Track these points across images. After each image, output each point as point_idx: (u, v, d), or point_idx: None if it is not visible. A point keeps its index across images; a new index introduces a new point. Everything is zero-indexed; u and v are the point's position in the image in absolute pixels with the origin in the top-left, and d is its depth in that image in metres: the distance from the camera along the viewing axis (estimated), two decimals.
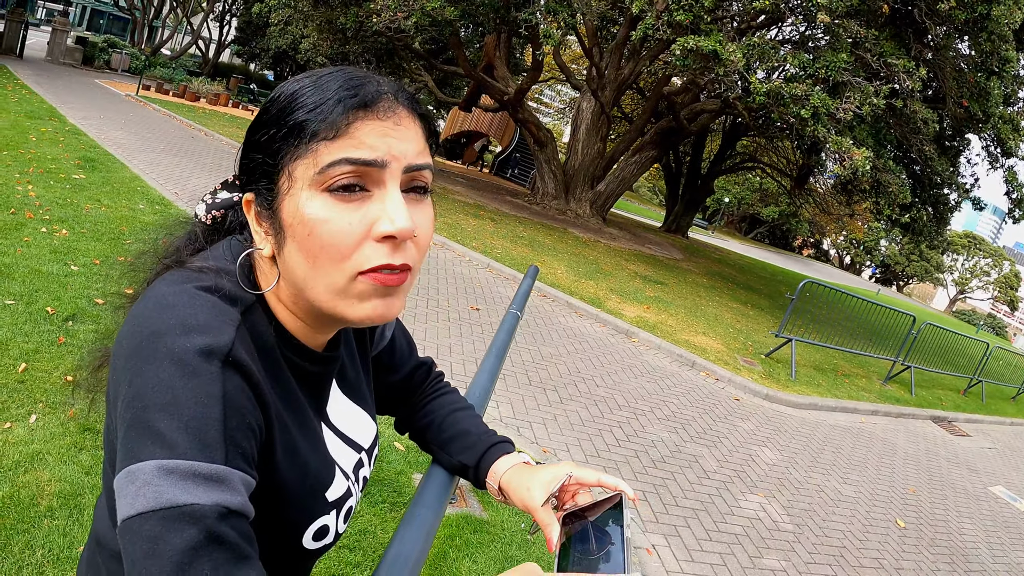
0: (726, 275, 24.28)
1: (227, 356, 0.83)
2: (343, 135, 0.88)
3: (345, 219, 0.88)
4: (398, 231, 0.88)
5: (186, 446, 0.76)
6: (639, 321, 11.90)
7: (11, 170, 9.51)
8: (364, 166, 0.88)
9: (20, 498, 3.50)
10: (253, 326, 0.93)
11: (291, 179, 0.90)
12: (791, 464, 7.92)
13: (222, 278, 0.93)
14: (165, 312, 0.84)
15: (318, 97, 0.90)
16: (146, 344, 0.81)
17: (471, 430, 1.34)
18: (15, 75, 21.86)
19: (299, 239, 0.89)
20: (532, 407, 7.03)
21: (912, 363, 14.70)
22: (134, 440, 0.77)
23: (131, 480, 0.75)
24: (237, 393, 0.83)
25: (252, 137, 0.95)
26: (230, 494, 0.77)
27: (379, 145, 0.89)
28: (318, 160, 0.87)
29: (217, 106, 30.44)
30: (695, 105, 24.98)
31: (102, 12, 69.40)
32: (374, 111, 0.90)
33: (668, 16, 14.85)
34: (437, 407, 1.41)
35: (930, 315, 46.24)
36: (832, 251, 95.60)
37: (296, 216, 0.89)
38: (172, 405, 0.77)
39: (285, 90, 0.94)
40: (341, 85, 0.90)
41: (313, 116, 0.88)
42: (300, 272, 0.91)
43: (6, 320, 5.27)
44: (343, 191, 0.88)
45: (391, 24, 17.16)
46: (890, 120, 17.60)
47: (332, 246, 0.88)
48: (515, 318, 2.13)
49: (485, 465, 1.28)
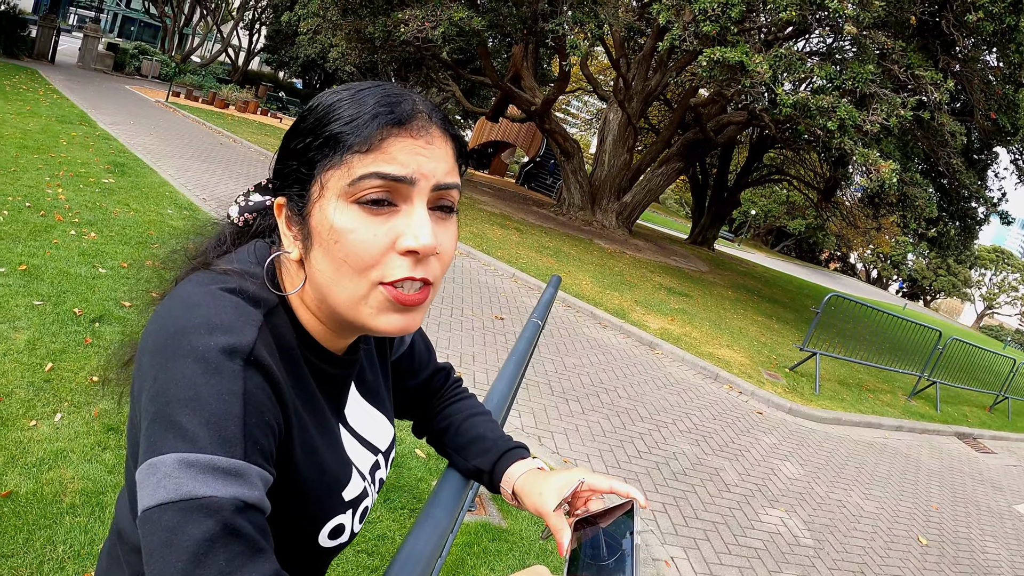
0: (752, 288, 24.17)
1: (249, 355, 0.86)
2: (376, 150, 0.91)
3: (371, 231, 0.91)
4: (421, 247, 0.91)
5: (207, 440, 0.79)
6: (663, 333, 11.89)
7: (42, 173, 9.64)
8: (394, 181, 0.91)
9: (43, 494, 3.57)
10: (275, 328, 0.97)
11: (323, 188, 0.93)
12: (813, 479, 7.89)
13: (246, 280, 0.97)
14: (190, 311, 0.88)
15: (354, 111, 0.93)
16: (171, 341, 0.85)
17: (487, 435, 1.37)
18: (47, 80, 22.12)
19: (326, 246, 0.93)
20: (555, 417, 7.05)
21: (938, 379, 14.57)
22: (156, 433, 0.80)
23: (152, 472, 0.78)
24: (257, 391, 0.86)
25: (288, 144, 0.99)
26: (248, 488, 0.80)
27: (410, 162, 0.92)
28: (350, 172, 0.91)
29: (246, 113, 30.63)
30: (722, 117, 24.89)
31: (133, 19, 70.14)
32: (408, 129, 0.94)
33: (695, 27, 14.84)
34: (454, 412, 1.44)
35: (957, 330, 45.83)
36: (859, 265, 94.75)
37: (324, 224, 0.93)
38: (194, 401, 0.80)
39: (323, 101, 0.97)
40: (378, 101, 0.94)
41: (348, 129, 0.92)
42: (325, 277, 0.95)
43: (34, 320, 5.36)
44: (372, 204, 0.91)
45: (419, 34, 17.23)
46: (917, 133, 17.49)
47: (357, 255, 0.91)
48: (536, 327, 2.16)
49: (500, 470, 1.31)
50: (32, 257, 6.56)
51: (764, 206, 65.35)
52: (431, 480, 4.87)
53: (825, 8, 13.87)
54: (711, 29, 14.38)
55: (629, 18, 21.11)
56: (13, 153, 10.33)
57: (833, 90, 14.57)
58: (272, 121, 30.99)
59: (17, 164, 9.77)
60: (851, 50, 17.63)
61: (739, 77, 14.81)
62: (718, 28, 14.38)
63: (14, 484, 3.57)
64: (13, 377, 4.50)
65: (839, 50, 19.20)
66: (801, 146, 26.03)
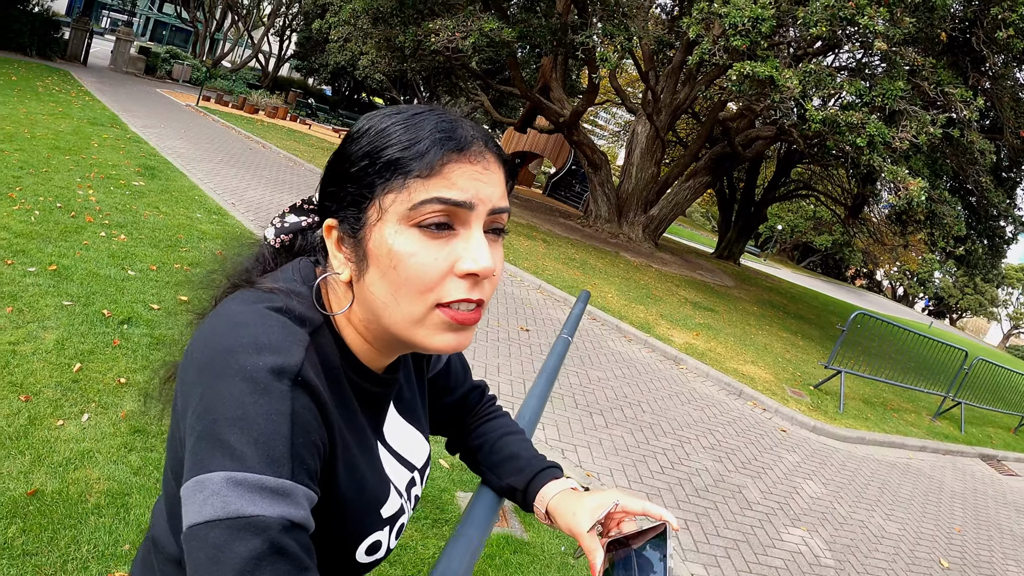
0: (777, 304, 24.05)
1: (296, 376, 0.86)
2: (437, 175, 0.92)
3: (431, 254, 0.92)
4: (481, 270, 0.93)
5: (255, 460, 0.79)
6: (688, 348, 11.85)
7: (73, 174, 9.74)
8: (454, 206, 0.92)
9: (69, 494, 3.59)
10: (320, 347, 0.97)
11: (381, 211, 0.94)
12: (836, 498, 7.83)
13: (292, 299, 0.97)
14: (237, 330, 0.88)
15: (412, 135, 0.94)
16: (218, 360, 0.85)
17: (521, 454, 1.38)
18: (79, 82, 22.34)
19: (383, 269, 0.94)
20: (578, 430, 7.03)
21: (963, 399, 14.42)
22: (204, 451, 0.81)
23: (199, 489, 0.79)
24: (304, 411, 0.87)
25: (340, 167, 0.99)
26: (294, 508, 0.80)
27: (469, 187, 0.94)
28: (411, 197, 0.92)
29: (275, 119, 30.82)
30: (750, 131, 24.81)
31: (165, 23, 70.80)
32: (466, 155, 0.95)
33: (725, 41, 14.80)
34: (489, 430, 1.45)
35: (983, 350, 45.38)
36: (885, 282, 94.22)
37: (383, 247, 0.93)
38: (243, 420, 0.81)
39: (375, 125, 0.98)
40: (435, 127, 0.95)
41: (408, 154, 0.93)
42: (380, 300, 0.96)
43: (63, 320, 5.41)
44: (433, 228, 0.92)
45: (449, 44, 17.29)
46: (946, 150, 17.38)
47: (417, 278, 0.92)
48: (566, 343, 2.15)
49: (534, 489, 1.32)
50: (62, 257, 6.62)
51: (791, 221, 65.03)
52: (454, 491, 4.87)
53: (855, 24, 13.81)
54: (741, 43, 14.34)
55: (659, 31, 21.11)
56: (45, 154, 10.44)
57: (862, 106, 14.50)
58: (301, 127, 31.18)
59: (49, 165, 9.87)
60: (880, 66, 17.56)
61: (768, 92, 14.77)
62: (748, 42, 14.34)
63: (40, 483, 3.60)
64: (41, 376, 4.54)
65: (868, 66, 19.14)
66: (829, 162, 25.85)
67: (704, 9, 15.23)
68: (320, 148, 24.01)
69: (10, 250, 6.43)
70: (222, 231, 9.50)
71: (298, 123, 32.76)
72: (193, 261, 7.83)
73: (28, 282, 5.88)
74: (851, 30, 14.84)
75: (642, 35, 18.43)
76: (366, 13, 19.98)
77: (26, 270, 6.10)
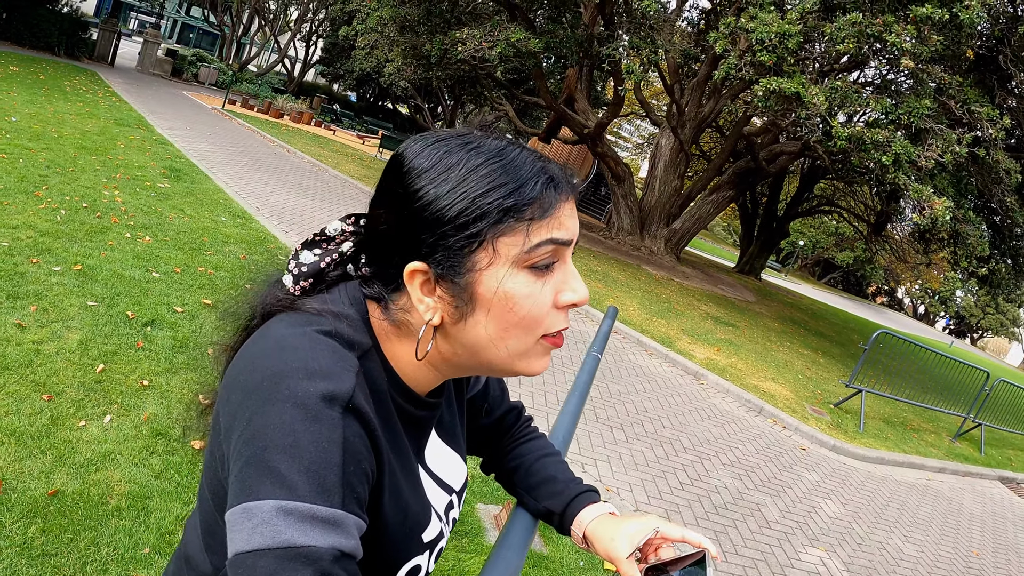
0: (798, 320, 23.93)
1: (348, 403, 0.85)
2: (549, 216, 0.93)
3: (542, 292, 0.95)
4: (581, 300, 0.98)
5: (306, 489, 0.78)
6: (709, 363, 11.80)
7: (99, 175, 9.80)
8: (563, 246, 0.95)
9: (90, 495, 3.59)
10: (368, 372, 0.96)
11: (495, 255, 0.92)
12: (854, 519, 7.76)
13: (340, 321, 0.96)
14: (286, 354, 0.86)
15: (514, 178, 0.93)
16: (268, 384, 0.83)
17: (558, 476, 1.36)
18: (106, 82, 22.53)
19: (495, 311, 0.94)
20: (598, 444, 7.01)
21: (983, 420, 14.29)
22: (253, 478, 0.79)
23: (248, 516, 0.77)
24: (355, 439, 0.85)
25: (427, 211, 0.94)
26: (345, 537, 0.79)
27: (571, 226, 0.97)
28: (528, 240, 0.92)
29: (300, 124, 30.97)
30: (774, 146, 24.74)
31: (192, 26, 71.27)
32: (566, 193, 0.96)
33: (751, 56, 14.76)
34: (526, 451, 1.43)
35: (1004, 371, 45.03)
36: (906, 300, 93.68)
37: (497, 291, 0.93)
38: (294, 448, 0.79)
39: (458, 163, 0.94)
40: (533, 166, 0.95)
41: (521, 199, 0.92)
42: (484, 339, 0.96)
43: (87, 321, 5.43)
44: (543, 268, 0.94)
45: (475, 53, 17.31)
46: (971, 169, 17.27)
47: (531, 317, 0.94)
48: (595, 360, 2.13)
49: (571, 512, 1.30)
50: (87, 257, 6.65)
51: (812, 237, 64.76)
52: (474, 502, 4.85)
53: (882, 41, 13.75)
54: (768, 59, 14.30)
55: (685, 44, 21.06)
56: (72, 153, 10.51)
57: (888, 124, 14.43)
58: (326, 133, 31.31)
59: (75, 164, 9.94)
60: (906, 83, 17.47)
61: (794, 108, 14.72)
62: (775, 58, 14.29)
63: (61, 483, 3.60)
64: (64, 376, 4.55)
65: (895, 83, 19.04)
66: (853, 179, 25.77)
67: (731, 24, 15.20)
68: (344, 154, 24.10)
69: (36, 249, 6.47)
70: (246, 235, 9.53)
71: (323, 128, 32.90)
72: (217, 265, 7.85)
73: (53, 281, 5.91)
74: (878, 47, 14.78)
75: (668, 48, 18.41)
76: (393, 21, 20.05)
77: (51, 269, 6.13)
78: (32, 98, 14.62)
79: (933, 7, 13.12)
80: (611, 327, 2.56)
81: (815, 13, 14.59)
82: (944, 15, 13.07)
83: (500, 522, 4.52)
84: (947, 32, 13.95)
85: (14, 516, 3.29)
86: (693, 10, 26.68)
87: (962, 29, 13.94)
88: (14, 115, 12.16)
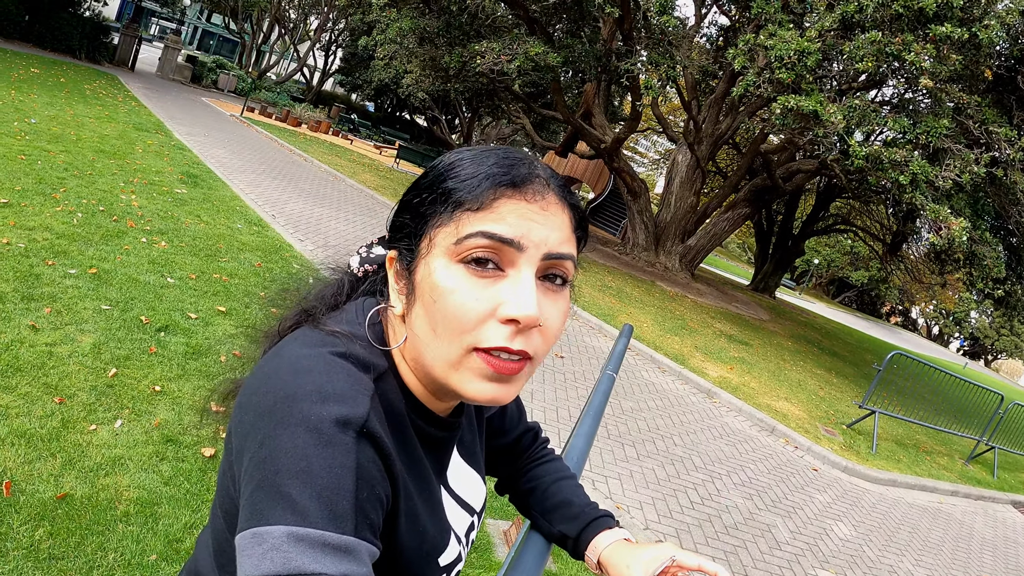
0: (812, 339, 23.82)
1: (362, 427, 0.83)
2: (486, 208, 0.89)
3: (473, 294, 0.88)
4: (522, 316, 0.87)
5: (317, 515, 0.76)
6: (722, 381, 11.75)
7: (117, 179, 9.84)
8: (500, 243, 0.88)
9: (98, 500, 3.59)
10: (384, 394, 0.94)
11: (431, 244, 0.91)
12: (865, 541, 7.69)
13: (354, 343, 0.94)
14: (300, 376, 0.84)
15: (472, 170, 0.92)
16: (280, 407, 0.82)
17: (574, 500, 1.34)
18: (126, 87, 22.71)
19: (426, 304, 0.90)
20: (609, 461, 6.97)
21: (997, 444, 14.18)
22: (263, 502, 0.77)
23: (258, 542, 0.75)
24: (370, 464, 0.83)
25: (406, 198, 0.98)
26: (356, 565, 0.77)
27: (519, 225, 0.89)
28: (459, 230, 0.89)
29: (318, 133, 31.09)
30: (791, 164, 24.68)
31: (213, 33, 71.70)
32: (522, 192, 0.91)
33: (770, 73, 14.74)
34: (542, 473, 1.41)
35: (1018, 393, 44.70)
36: (921, 320, 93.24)
37: (427, 281, 0.90)
38: (306, 473, 0.77)
39: (445, 159, 0.96)
40: (496, 162, 0.92)
41: (462, 187, 0.90)
42: (421, 336, 0.92)
43: (101, 324, 5.43)
44: (476, 264, 0.88)
45: (494, 66, 17.33)
46: (988, 189, 17.20)
47: (455, 317, 0.88)
48: (611, 380, 2.12)
49: (586, 537, 1.28)
50: (103, 261, 6.67)
51: (827, 255, 64.63)
52: (485, 517, 4.81)
53: (901, 60, 13.72)
54: (786, 76, 14.27)
55: (703, 61, 21.08)
56: (90, 157, 10.56)
57: (906, 143, 14.39)
58: (343, 142, 31.39)
59: (94, 168, 9.98)
60: (924, 102, 17.42)
61: (812, 126, 14.68)
62: (793, 76, 14.27)
63: (70, 487, 3.60)
64: (77, 379, 4.55)
65: (913, 102, 18.99)
66: (870, 198, 25.72)
67: (750, 41, 15.20)
68: (361, 164, 24.16)
69: (52, 251, 6.48)
70: (262, 243, 9.54)
71: (340, 138, 32.99)
72: (232, 272, 7.86)
73: (68, 284, 5.92)
74: (896, 66, 14.74)
75: (686, 64, 18.41)
76: (412, 32, 20.11)
77: (66, 272, 6.15)
78: (52, 100, 14.71)
79: (952, 26, 13.09)
80: (626, 345, 2.55)
81: (834, 31, 14.58)
82: (963, 34, 13.05)
83: (510, 538, 4.49)
84: (966, 51, 13.92)
85: (22, 518, 3.29)
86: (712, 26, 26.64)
87: (981, 49, 13.91)
88: (34, 117, 12.24)
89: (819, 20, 14.85)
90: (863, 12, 14.02)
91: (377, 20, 23.83)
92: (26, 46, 24.80)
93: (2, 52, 20.76)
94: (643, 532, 5.76)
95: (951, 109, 15.03)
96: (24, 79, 16.64)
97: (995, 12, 13.71)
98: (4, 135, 10.24)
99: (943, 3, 13.20)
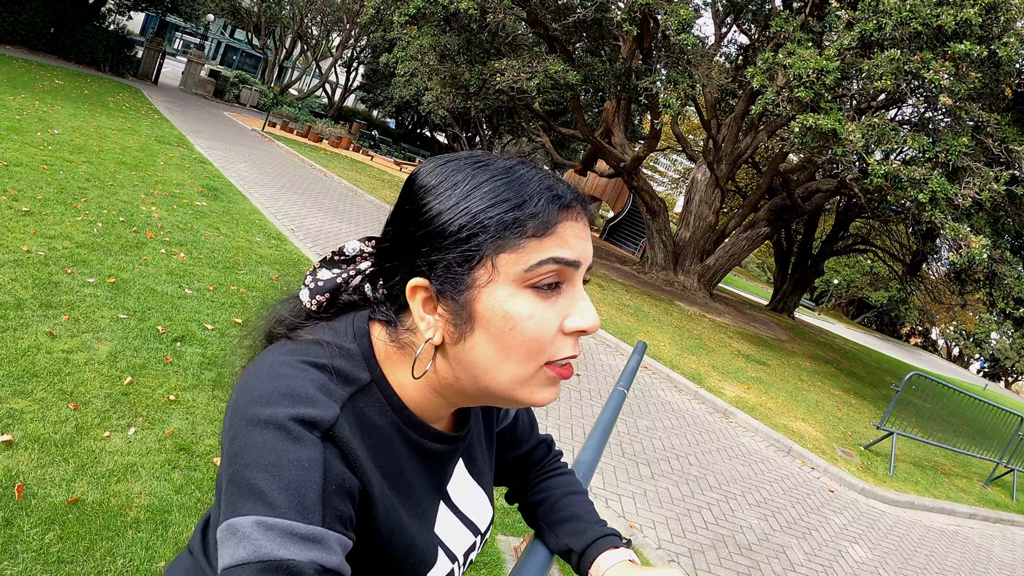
0: (830, 360, 23.68)
1: (329, 430, 0.86)
2: (551, 234, 0.91)
3: (546, 316, 0.91)
4: (590, 326, 0.93)
5: (285, 507, 0.78)
6: (738, 401, 11.69)
7: (138, 190, 9.91)
8: (567, 266, 0.91)
9: (109, 506, 3.59)
10: (363, 407, 0.95)
11: (494, 271, 0.91)
12: (881, 564, 7.60)
13: (337, 357, 0.95)
14: (276, 381, 0.87)
15: (518, 193, 0.92)
16: (252, 407, 0.85)
17: (583, 516, 1.34)
18: (149, 100, 22.89)
19: (494, 332, 0.91)
20: (623, 480, 6.93)
21: (1016, 466, 14.03)
22: (235, 496, 0.80)
23: (231, 533, 0.78)
24: (335, 460, 0.86)
25: (431, 225, 0.94)
26: (326, 553, 0.79)
27: (577, 246, 0.93)
28: (528, 257, 0.90)
29: (339, 148, 31.24)
30: (810, 183, 24.62)
31: (236, 48, 72.24)
32: (574, 212, 0.94)
33: (789, 92, 14.73)
34: (552, 486, 1.41)
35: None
36: (940, 341, 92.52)
37: (496, 310, 0.90)
38: (273, 466, 0.80)
39: (463, 180, 0.94)
40: (540, 183, 0.94)
41: (522, 214, 0.91)
42: (484, 361, 0.93)
43: (118, 333, 5.46)
44: (547, 289, 0.91)
45: (514, 84, 17.40)
46: (1008, 208, 17.09)
47: (533, 340, 0.91)
48: (621, 396, 2.11)
49: (591, 554, 1.27)
50: (121, 271, 6.71)
51: (847, 275, 64.25)
52: (496, 533, 4.80)
53: (920, 78, 13.68)
54: (805, 95, 14.26)
55: (722, 79, 21.07)
56: (112, 168, 10.64)
57: (925, 161, 14.34)
58: (363, 158, 31.52)
59: (115, 179, 10.06)
60: (944, 120, 17.35)
61: (831, 145, 14.64)
62: (812, 94, 14.25)
63: (81, 492, 3.61)
64: (92, 386, 4.57)
65: (932, 121, 18.92)
66: (889, 217, 25.59)
67: (769, 59, 15.21)
68: (381, 180, 24.25)
69: (71, 260, 6.53)
70: (280, 256, 9.58)
71: (361, 154, 33.13)
72: (250, 284, 7.89)
73: (86, 292, 5.96)
74: (916, 84, 14.70)
75: (706, 83, 18.42)
76: (433, 50, 20.21)
77: (85, 280, 6.19)
78: (76, 112, 14.84)
79: (971, 44, 13.06)
80: (639, 362, 2.54)
81: (853, 50, 14.56)
82: (982, 52, 13.01)
83: (520, 554, 4.47)
84: (985, 69, 13.87)
85: (32, 521, 3.30)
86: (731, 45, 26.72)
87: (1000, 66, 13.85)
88: (57, 127, 12.35)
89: (838, 39, 14.85)
90: (882, 30, 14.01)
91: (398, 37, 23.99)
92: (51, 58, 25.07)
93: (27, 63, 21.01)
94: (656, 552, 5.73)
95: (971, 127, 14.97)
96: (48, 90, 16.81)
97: (1014, 29, 13.65)
98: (28, 145, 10.34)
99: (962, 21, 13.17)
